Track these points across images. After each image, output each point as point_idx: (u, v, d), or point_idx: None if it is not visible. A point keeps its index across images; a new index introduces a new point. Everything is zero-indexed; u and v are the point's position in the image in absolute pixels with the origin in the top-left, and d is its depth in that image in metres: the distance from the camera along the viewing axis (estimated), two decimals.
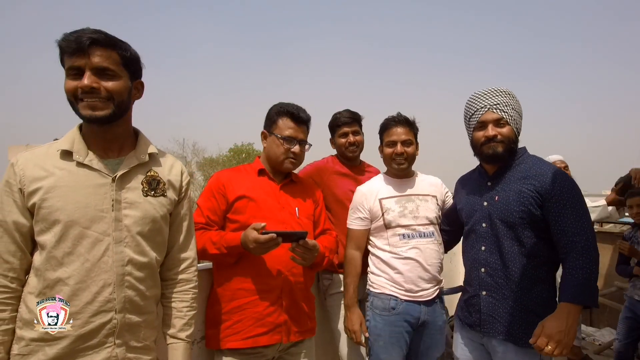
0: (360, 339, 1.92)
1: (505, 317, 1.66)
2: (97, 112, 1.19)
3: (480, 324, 1.73)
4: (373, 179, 2.15)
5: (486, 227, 1.74)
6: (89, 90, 1.18)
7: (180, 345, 1.39)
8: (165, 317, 1.41)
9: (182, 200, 1.43)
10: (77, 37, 1.16)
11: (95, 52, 1.17)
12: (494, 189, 1.75)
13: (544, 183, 1.61)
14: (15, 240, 1.19)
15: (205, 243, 1.67)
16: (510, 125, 1.70)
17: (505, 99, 1.71)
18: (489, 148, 1.70)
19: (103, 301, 1.19)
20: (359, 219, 2.04)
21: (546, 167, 1.67)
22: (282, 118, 1.81)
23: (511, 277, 1.65)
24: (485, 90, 1.74)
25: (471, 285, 1.80)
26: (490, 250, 1.72)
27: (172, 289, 1.41)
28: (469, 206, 1.84)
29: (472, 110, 1.76)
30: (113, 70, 1.21)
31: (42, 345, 1.15)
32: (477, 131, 1.75)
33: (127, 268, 1.24)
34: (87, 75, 1.17)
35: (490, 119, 1.70)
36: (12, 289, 1.19)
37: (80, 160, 1.22)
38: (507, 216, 1.66)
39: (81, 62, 1.17)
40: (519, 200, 1.64)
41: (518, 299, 1.64)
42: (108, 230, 1.22)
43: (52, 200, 1.17)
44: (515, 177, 1.70)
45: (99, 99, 1.19)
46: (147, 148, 1.35)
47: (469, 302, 1.81)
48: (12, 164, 1.21)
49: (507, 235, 1.67)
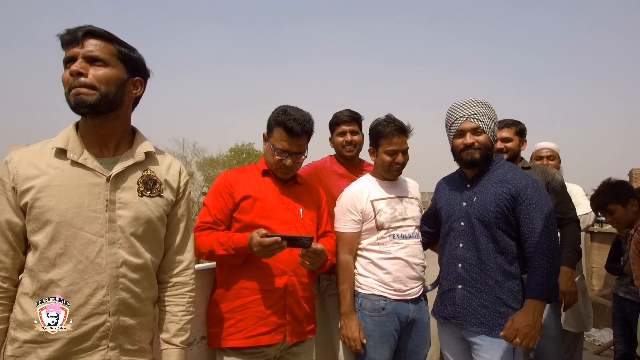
0: (359, 347, 1.91)
1: (479, 309, 1.81)
2: (82, 97, 1.16)
3: (455, 316, 1.87)
4: (360, 180, 2.14)
5: (464, 226, 1.89)
6: (75, 75, 1.17)
7: (174, 352, 1.34)
8: (160, 321, 1.38)
9: (180, 201, 1.40)
10: (75, 29, 1.18)
11: (89, 41, 1.19)
12: (472, 191, 1.91)
13: (517, 188, 1.80)
14: (7, 239, 1.17)
15: (213, 244, 1.66)
16: (486, 133, 1.87)
17: (482, 109, 1.88)
18: (467, 155, 1.87)
19: (96, 303, 1.17)
20: (352, 222, 2.01)
21: (520, 174, 1.87)
22: (278, 128, 1.75)
23: (487, 271, 1.81)
24: (463, 101, 1.92)
25: (447, 280, 1.94)
26: (467, 247, 1.87)
27: (167, 292, 1.38)
28: (448, 206, 1.99)
29: (452, 120, 1.93)
30: (105, 59, 1.20)
31: (35, 348, 1.14)
32: (456, 139, 1.92)
33: (121, 270, 1.21)
34: (78, 61, 1.17)
35: (468, 128, 1.88)
36: (4, 288, 1.18)
37: (74, 158, 1.19)
38: (484, 216, 1.82)
39: (75, 51, 1.18)
40: (495, 202, 1.81)
41: (492, 292, 1.80)
42: (101, 231, 1.19)
43: (45, 199, 1.15)
44: (493, 181, 1.87)
45: (85, 85, 1.17)
46: (144, 147, 1.32)
47: (444, 296, 1.95)
48: (5, 161, 1.19)
49: (484, 233, 1.83)
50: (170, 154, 1.46)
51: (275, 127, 1.77)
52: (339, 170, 2.37)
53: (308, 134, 1.81)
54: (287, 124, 1.72)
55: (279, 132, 1.75)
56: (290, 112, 1.75)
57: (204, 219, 1.76)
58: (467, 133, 1.87)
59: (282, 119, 1.74)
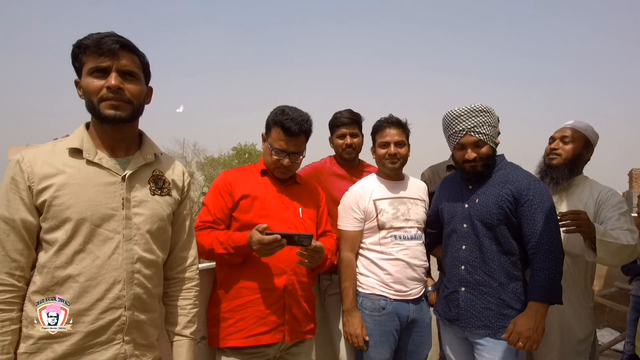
0: (362, 344, 1.92)
1: (483, 311, 1.80)
2: (120, 112, 1.22)
3: (458, 319, 1.87)
4: (365, 179, 2.15)
5: (467, 228, 1.88)
6: (115, 91, 1.20)
7: (185, 342, 1.41)
8: (169, 315, 1.43)
9: (184, 200, 1.45)
10: (106, 39, 1.19)
11: (123, 55, 1.22)
12: (474, 193, 1.90)
13: (519, 188, 1.78)
14: (23, 238, 1.18)
15: (213, 242, 1.67)
16: (487, 143, 1.84)
17: (482, 119, 1.83)
18: (471, 167, 1.86)
19: (113, 298, 1.20)
20: (354, 220, 2.03)
21: (522, 174, 1.85)
22: (276, 128, 1.76)
23: (490, 273, 1.80)
24: (461, 110, 1.85)
25: (451, 282, 1.93)
26: (470, 249, 1.86)
27: (175, 287, 1.43)
28: (450, 208, 1.97)
29: (451, 130, 1.89)
30: (136, 73, 1.26)
31: (50, 343, 1.16)
32: (457, 151, 1.90)
33: (136, 266, 1.25)
34: (113, 75, 1.20)
35: (469, 143, 1.84)
36: (19, 287, 1.19)
37: (90, 158, 1.23)
38: (486, 217, 1.81)
39: (109, 63, 1.20)
40: (497, 203, 1.80)
41: (495, 294, 1.79)
42: (118, 228, 1.23)
43: (64, 197, 1.17)
44: (495, 182, 1.86)
45: (122, 100, 1.22)
46: (152, 148, 1.38)
47: (448, 298, 1.94)
48: (17, 160, 1.20)
49: (487, 235, 1.81)
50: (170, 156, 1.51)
51: (273, 126, 1.77)
52: (339, 171, 2.38)
53: (306, 134, 1.81)
54: (284, 124, 1.72)
55: (276, 131, 1.76)
56: (288, 112, 1.76)
57: (203, 218, 1.77)
58: (469, 148, 1.84)
59: (280, 118, 1.74)
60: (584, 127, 2.15)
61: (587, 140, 2.14)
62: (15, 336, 1.17)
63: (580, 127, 2.14)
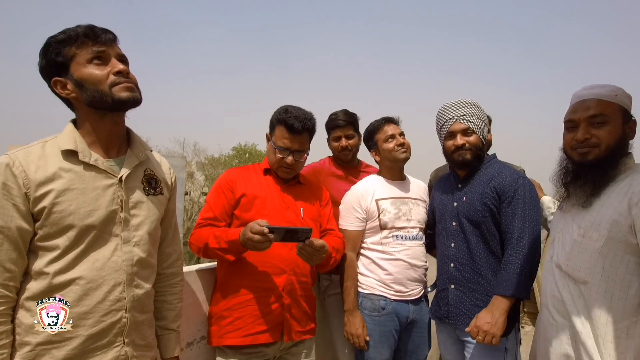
0: (363, 344, 1.92)
1: (472, 308, 1.81)
2: (136, 94, 1.21)
3: (448, 316, 1.88)
4: (367, 179, 2.15)
5: (456, 226, 1.91)
6: (125, 75, 1.20)
7: (172, 336, 1.44)
8: (156, 311, 1.41)
9: (173, 197, 1.46)
10: (95, 28, 1.19)
11: (116, 44, 1.22)
12: (462, 191, 1.93)
13: (502, 185, 1.80)
14: (17, 247, 1.13)
15: (209, 237, 1.67)
16: (476, 133, 1.87)
17: (471, 110, 1.89)
18: (459, 156, 1.88)
19: (114, 300, 1.20)
20: (356, 219, 2.03)
21: (508, 171, 1.86)
22: (279, 127, 1.77)
23: (478, 270, 1.82)
24: (453, 102, 1.93)
25: (441, 280, 1.96)
26: (459, 247, 1.88)
27: (162, 282, 1.43)
28: (441, 206, 2.01)
29: (442, 121, 1.94)
30: (127, 61, 1.25)
31: (49, 349, 1.12)
32: (447, 140, 1.93)
33: (135, 267, 1.25)
34: (116, 61, 1.20)
35: (458, 129, 1.88)
36: (12, 298, 1.14)
37: (86, 160, 1.19)
38: (472, 215, 1.84)
39: (109, 49, 1.20)
40: (481, 200, 1.82)
41: (484, 291, 1.80)
42: (116, 231, 1.22)
43: (64, 204, 1.14)
44: (482, 180, 1.88)
45: (135, 84, 1.22)
46: (143, 146, 1.35)
47: (438, 296, 1.97)
48: (7, 164, 1.12)
49: (474, 232, 1.84)
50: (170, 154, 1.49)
51: (277, 125, 1.79)
52: (337, 172, 2.38)
53: (310, 132, 1.82)
54: (288, 122, 1.74)
55: (280, 130, 1.77)
56: (292, 110, 1.78)
57: (205, 216, 1.77)
58: (458, 134, 1.88)
59: (284, 117, 1.76)
60: (613, 94, 1.41)
61: (625, 111, 1.41)
62: (9, 348, 1.13)
63: (608, 95, 1.40)
